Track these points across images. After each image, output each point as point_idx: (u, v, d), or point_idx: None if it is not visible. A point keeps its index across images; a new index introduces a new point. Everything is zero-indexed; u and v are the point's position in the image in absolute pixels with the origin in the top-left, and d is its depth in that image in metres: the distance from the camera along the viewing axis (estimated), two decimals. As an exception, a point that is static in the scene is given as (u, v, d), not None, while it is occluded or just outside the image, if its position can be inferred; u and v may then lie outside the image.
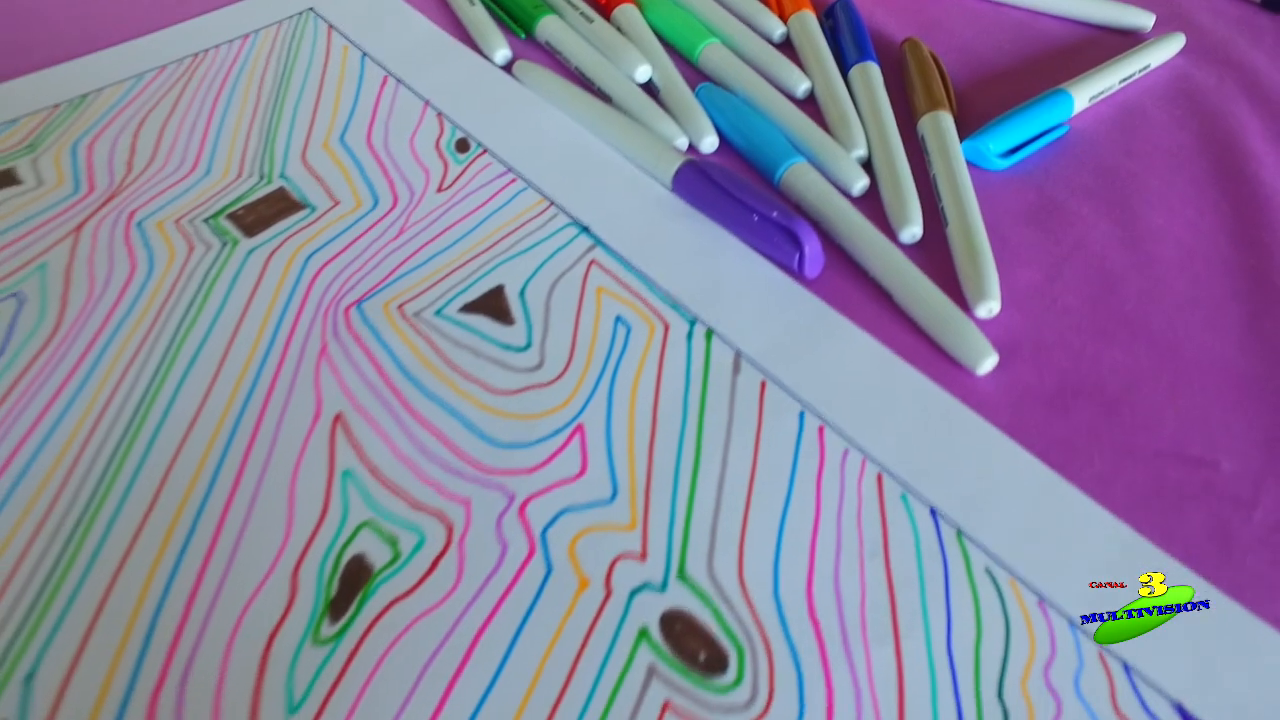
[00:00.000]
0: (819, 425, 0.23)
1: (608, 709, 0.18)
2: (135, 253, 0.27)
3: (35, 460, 0.22)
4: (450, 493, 0.22)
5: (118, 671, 0.19)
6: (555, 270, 0.27)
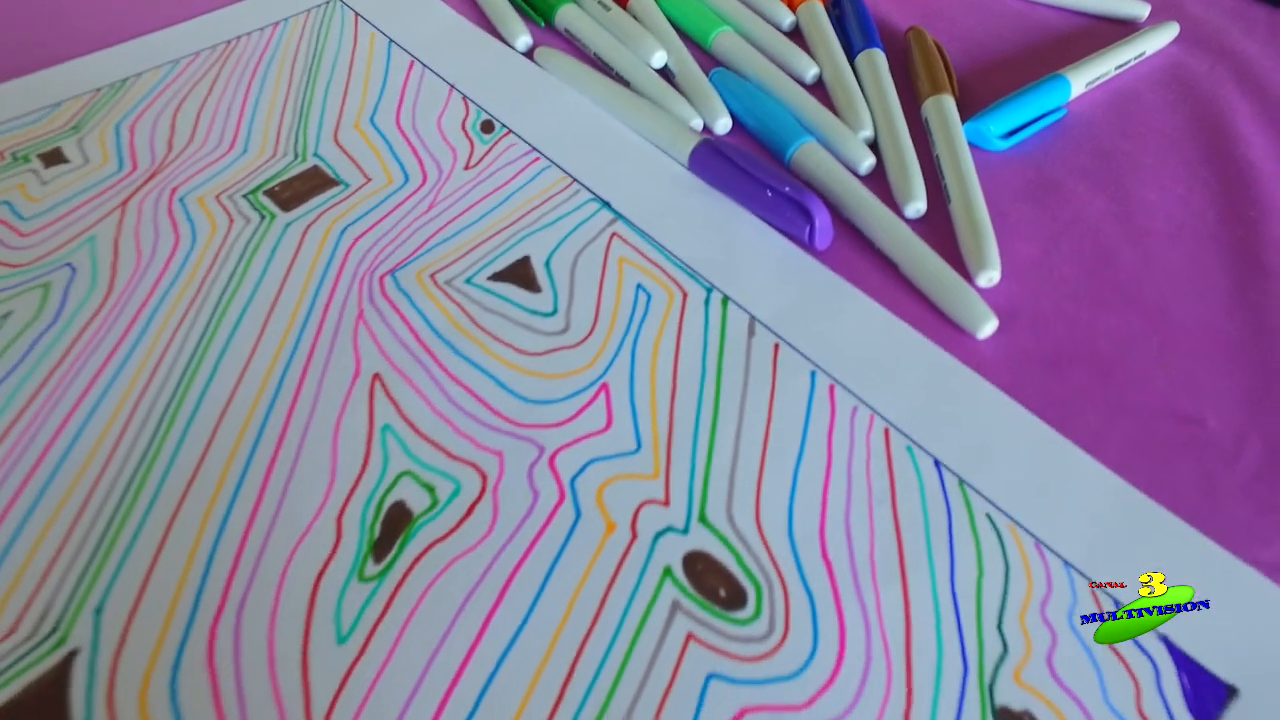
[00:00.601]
0: (829, 384, 0.24)
1: (635, 639, 0.20)
2: (179, 226, 0.28)
3: (94, 415, 0.23)
4: (484, 445, 0.23)
5: (179, 604, 0.20)
6: (579, 242, 0.28)
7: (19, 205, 0.29)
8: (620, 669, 0.19)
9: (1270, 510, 0.23)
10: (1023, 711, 0.19)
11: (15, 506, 0.22)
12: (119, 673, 0.19)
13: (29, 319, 0.26)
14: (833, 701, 0.19)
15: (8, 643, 0.20)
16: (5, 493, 0.22)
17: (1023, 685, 0.20)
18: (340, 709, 0.19)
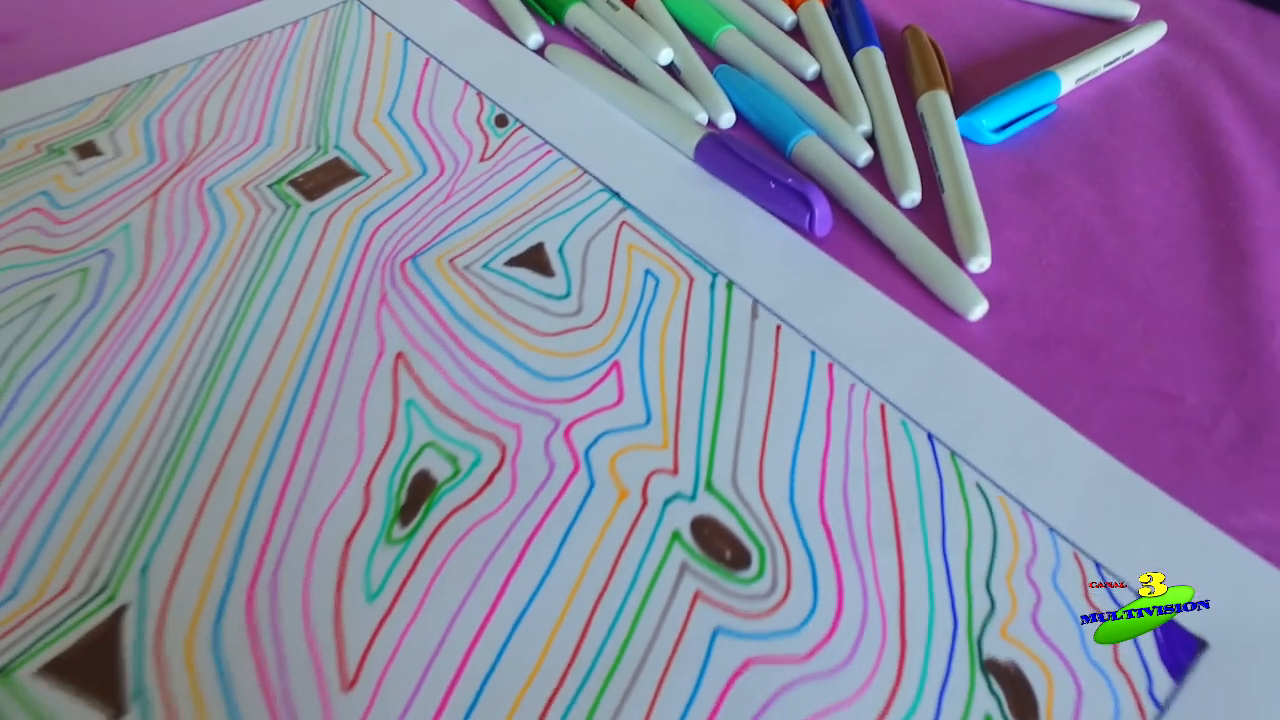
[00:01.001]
0: (828, 363, 0.26)
1: (647, 597, 0.21)
2: (208, 214, 0.30)
3: (133, 390, 0.25)
4: (502, 418, 0.24)
5: (218, 564, 0.22)
6: (590, 230, 0.29)
7: (56, 195, 0.30)
8: (633, 623, 0.21)
9: (1243, 481, 0.24)
10: (1009, 663, 0.21)
11: (63, 475, 0.23)
12: (165, 627, 0.21)
13: (70, 302, 0.27)
14: (832, 653, 0.21)
15: (62, 599, 0.21)
16: (54, 463, 0.23)
17: (1009, 639, 0.21)
18: (371, 661, 0.20)
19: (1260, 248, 0.30)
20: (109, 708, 0.20)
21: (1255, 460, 0.24)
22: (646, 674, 0.20)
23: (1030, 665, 0.21)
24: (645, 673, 0.20)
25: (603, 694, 0.20)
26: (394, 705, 0.20)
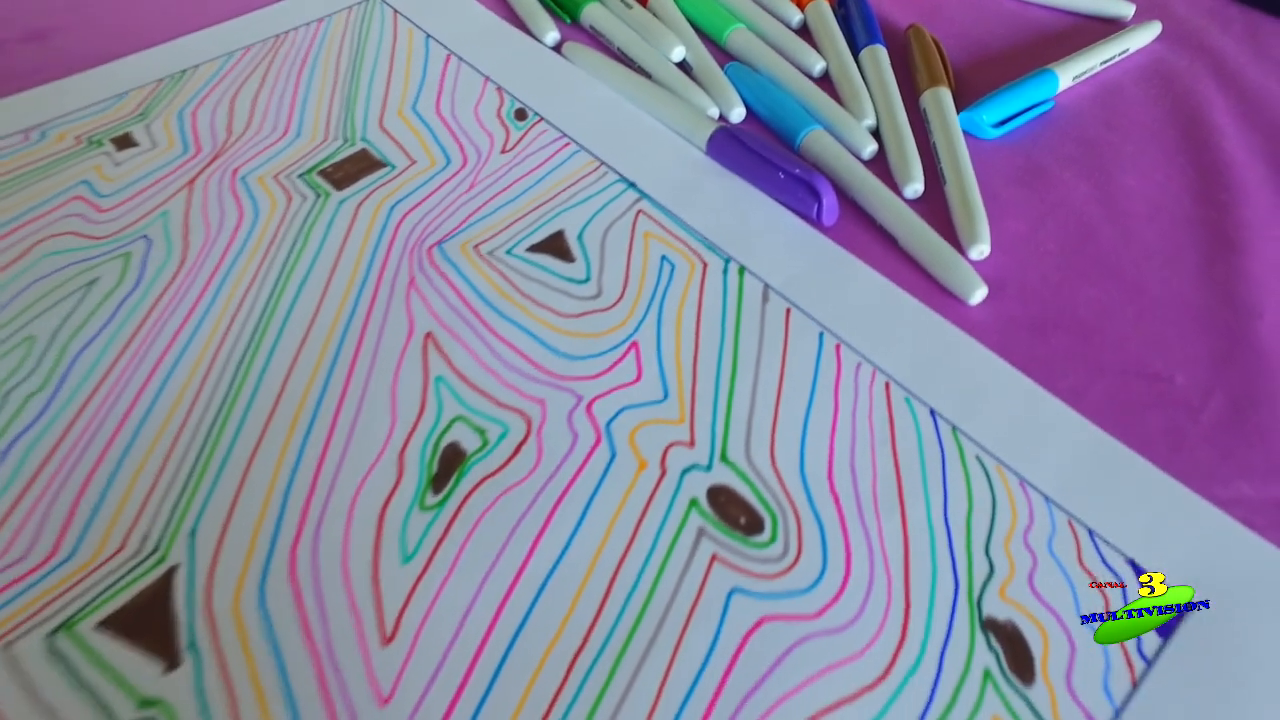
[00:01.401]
0: (836, 344, 0.27)
1: (666, 560, 0.23)
2: (242, 202, 0.31)
3: (176, 367, 0.26)
4: (527, 394, 0.26)
5: (262, 528, 0.23)
6: (608, 218, 0.31)
7: (97, 184, 0.32)
8: (654, 583, 0.22)
9: (1228, 456, 0.25)
10: (1007, 621, 0.22)
11: (114, 445, 0.24)
12: (213, 585, 0.22)
13: (113, 284, 0.28)
14: (840, 612, 0.22)
15: (117, 559, 0.22)
16: (104, 434, 0.25)
17: (1007, 600, 0.22)
18: (408, 617, 0.22)
19: (1248, 237, 0.31)
20: (164, 659, 0.21)
21: (1240, 437, 0.26)
22: (667, 630, 0.22)
23: (1027, 624, 0.22)
24: (665, 629, 0.22)
25: (626, 648, 0.21)
26: (430, 658, 0.21)
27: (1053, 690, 0.21)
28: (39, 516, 0.23)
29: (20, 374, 0.26)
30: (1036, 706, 0.21)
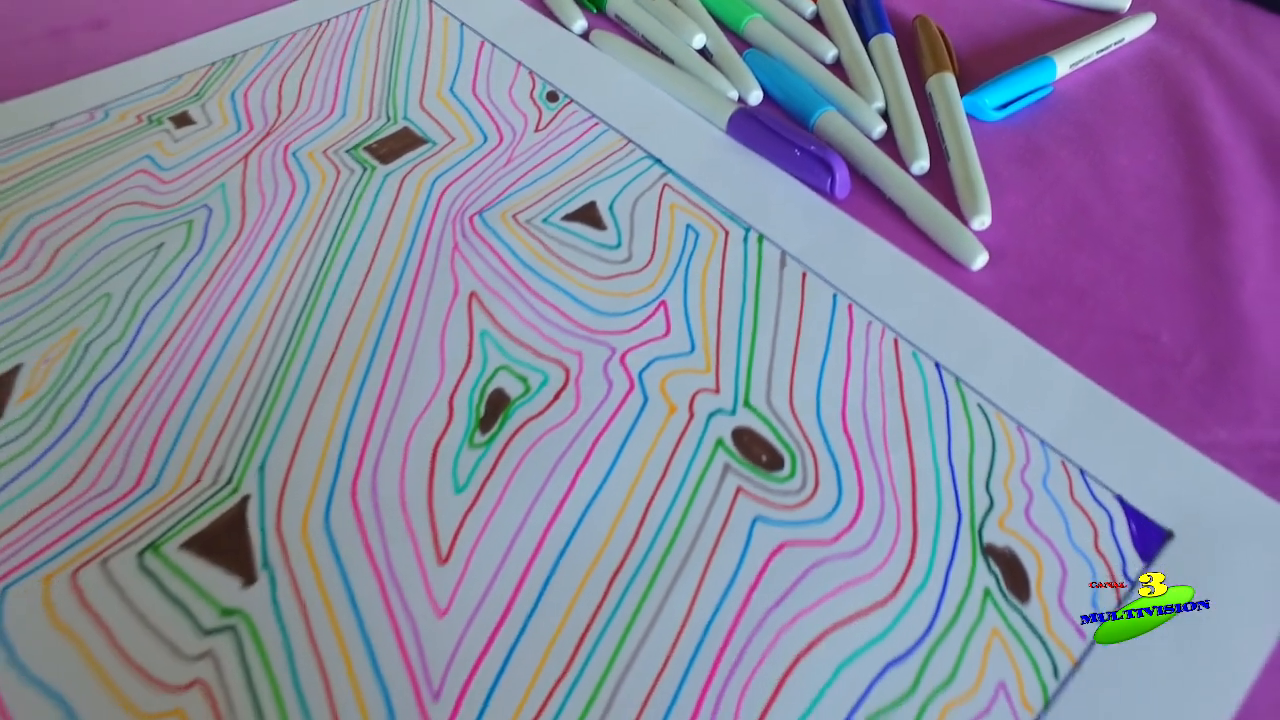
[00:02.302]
0: (848, 304, 0.29)
1: (695, 492, 0.25)
2: (294, 175, 0.33)
3: (240, 322, 0.28)
4: (565, 347, 0.28)
5: (325, 464, 0.25)
6: (636, 191, 0.33)
7: (159, 159, 0.34)
8: (684, 513, 0.24)
9: (1208, 406, 0.27)
10: (1005, 548, 0.24)
11: (187, 390, 0.27)
12: (283, 513, 0.24)
13: (179, 248, 0.31)
14: (854, 538, 0.24)
15: (195, 489, 0.25)
16: (178, 380, 0.27)
17: (1005, 530, 0.25)
18: (461, 540, 0.24)
19: (1234, 213, 0.33)
20: (241, 575, 0.23)
21: (1219, 389, 0.28)
22: (697, 553, 0.24)
23: (1023, 550, 0.24)
24: (696, 552, 0.24)
25: (661, 568, 0.24)
26: (482, 576, 0.23)
27: (1046, 607, 0.23)
28: (123, 452, 0.25)
29: (99, 328, 0.28)
30: (1031, 621, 0.23)
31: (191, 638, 0.22)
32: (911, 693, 0.22)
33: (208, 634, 0.22)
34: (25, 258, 0.30)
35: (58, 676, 0.21)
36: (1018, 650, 0.22)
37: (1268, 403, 0.28)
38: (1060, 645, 0.23)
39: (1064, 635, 0.23)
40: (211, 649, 0.22)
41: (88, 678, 0.21)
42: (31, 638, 0.22)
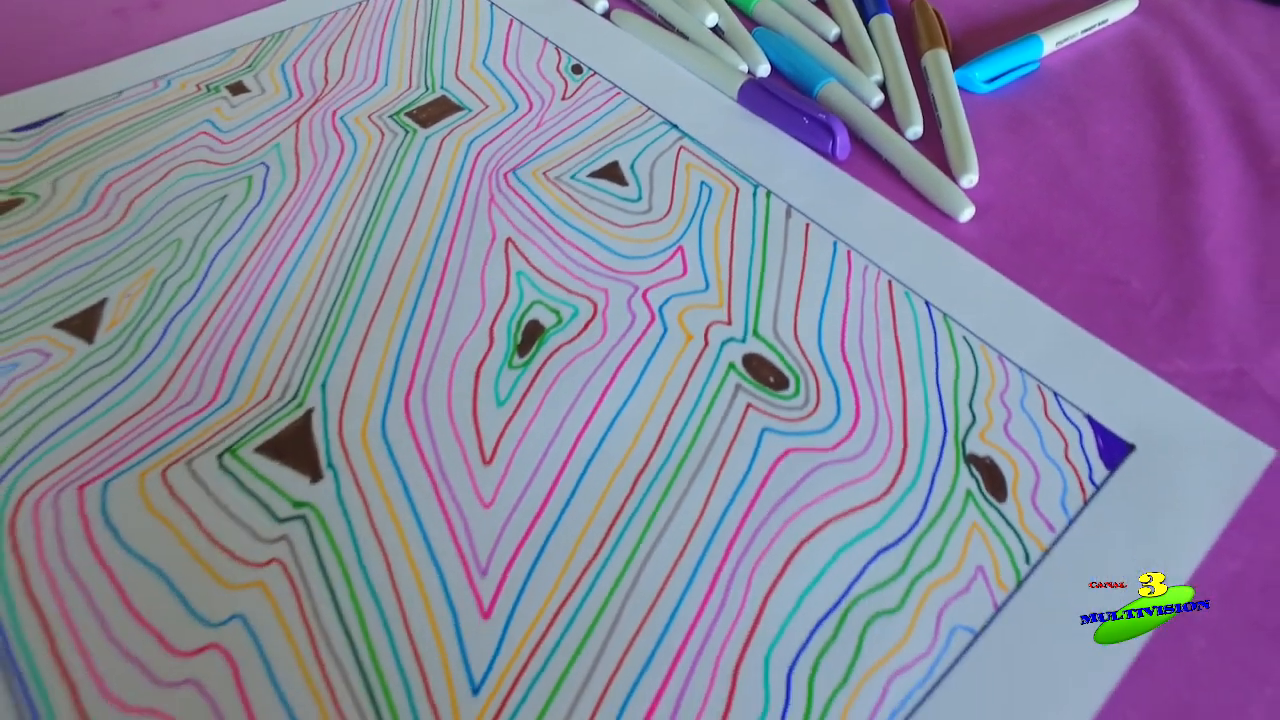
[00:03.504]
0: (847, 251, 0.33)
1: (710, 407, 0.28)
2: (342, 136, 0.37)
3: (300, 259, 0.32)
4: (593, 285, 0.31)
5: (379, 383, 0.28)
6: (655, 152, 0.36)
7: (218, 122, 0.37)
8: (701, 423, 0.28)
9: (1171, 342, 0.30)
10: (985, 457, 0.27)
11: (254, 319, 0.30)
12: (344, 422, 0.27)
13: (241, 200, 0.34)
14: (851, 446, 0.27)
15: (265, 403, 0.28)
16: (246, 311, 0.30)
17: (986, 442, 0.28)
18: (503, 445, 0.27)
19: (1202, 175, 0.36)
20: (309, 474, 0.26)
21: (1181, 328, 0.31)
22: (711, 458, 0.27)
23: (1001, 459, 0.27)
24: (710, 457, 0.27)
25: (679, 471, 0.27)
26: (522, 476, 0.26)
27: (1020, 506, 0.26)
28: (200, 372, 0.29)
29: (173, 268, 0.32)
30: (1007, 517, 0.26)
31: (267, 524, 0.25)
32: (901, 573, 0.25)
33: (282, 521, 0.25)
34: (104, 209, 0.34)
35: (157, 554, 0.25)
36: (994, 541, 0.26)
37: (1225, 339, 0.31)
38: (1032, 536, 0.26)
39: (1035, 529, 0.26)
40: (285, 534, 0.25)
41: (182, 556, 0.25)
42: (133, 524, 0.25)
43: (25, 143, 0.36)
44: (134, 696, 0.22)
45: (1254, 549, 0.25)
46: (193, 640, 0.23)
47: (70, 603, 0.24)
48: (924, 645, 0.24)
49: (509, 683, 0.23)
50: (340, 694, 0.22)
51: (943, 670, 0.23)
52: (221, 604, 0.24)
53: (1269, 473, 0.27)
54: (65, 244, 0.32)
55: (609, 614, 0.24)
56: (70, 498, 0.26)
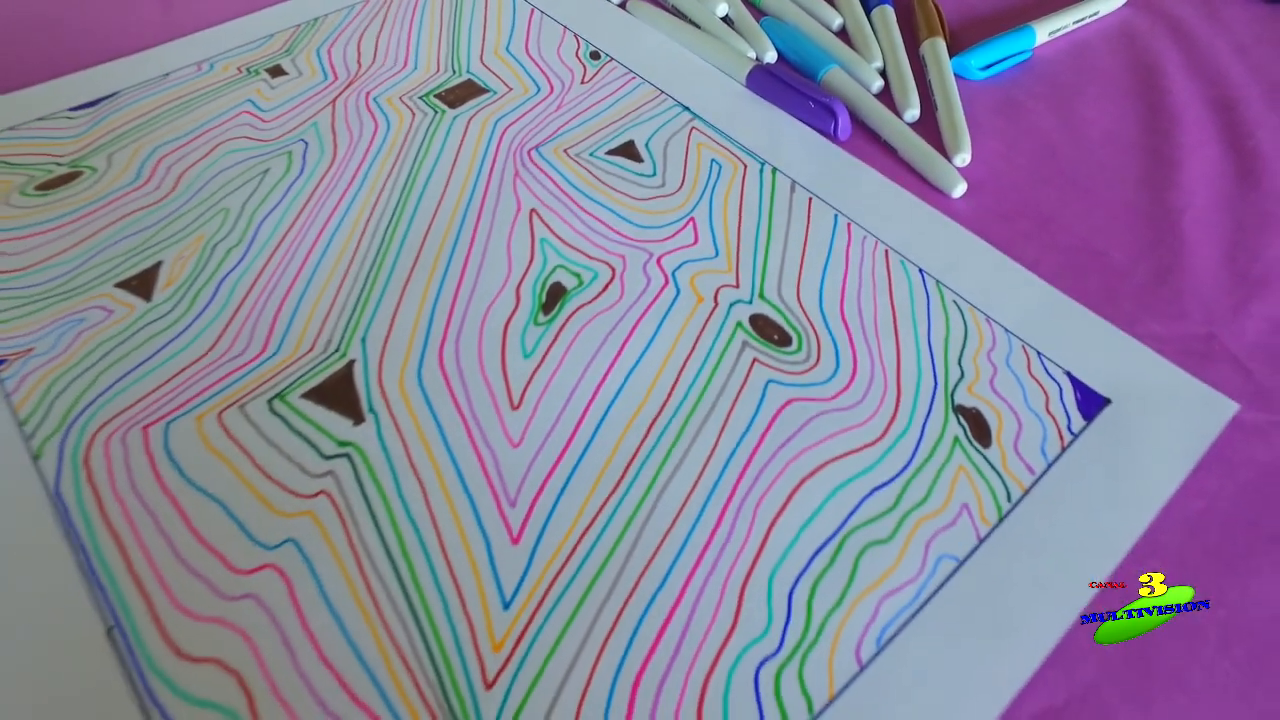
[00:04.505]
0: (847, 223, 0.35)
1: (719, 361, 0.30)
2: (376, 116, 0.39)
3: (340, 226, 0.34)
4: (611, 251, 0.34)
5: (415, 337, 0.31)
6: (668, 132, 0.39)
7: (259, 102, 0.40)
8: (710, 375, 0.30)
9: (1146, 308, 0.33)
10: (972, 408, 0.30)
11: (299, 279, 0.32)
12: (383, 371, 0.30)
13: (282, 173, 0.36)
14: (848, 396, 0.30)
15: (310, 355, 0.30)
16: (289, 273, 0.33)
17: (973, 394, 0.30)
18: (530, 391, 0.29)
19: (1182, 156, 0.39)
20: (352, 417, 0.29)
21: (1157, 295, 0.33)
22: (720, 406, 0.29)
23: (987, 409, 0.30)
24: (719, 405, 0.29)
25: (690, 417, 0.29)
26: (547, 419, 0.29)
27: (1004, 451, 0.29)
28: (249, 327, 0.31)
29: (221, 233, 0.34)
30: (991, 460, 0.28)
31: (315, 461, 0.28)
32: (893, 508, 0.27)
33: (328, 459, 0.28)
34: (156, 180, 0.36)
35: (216, 486, 0.27)
36: (979, 481, 0.28)
37: (1196, 306, 0.33)
38: (1013, 478, 0.28)
39: (1016, 471, 0.28)
40: (332, 469, 0.28)
41: (238, 487, 0.27)
42: (193, 459, 0.28)
43: (82, 120, 0.38)
44: (202, 607, 0.25)
45: (1216, 490, 0.28)
46: (251, 560, 0.26)
47: (141, 527, 0.26)
48: (912, 571, 0.26)
49: (537, 598, 0.25)
50: (385, 608, 0.25)
51: (929, 594, 0.26)
52: (275, 530, 0.26)
53: (1232, 424, 0.29)
54: (122, 212, 0.35)
55: (627, 539, 0.26)
56: (136, 436, 0.28)
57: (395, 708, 0.23)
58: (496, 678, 0.24)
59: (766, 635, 0.25)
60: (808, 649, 0.24)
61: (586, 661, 0.24)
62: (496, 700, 0.23)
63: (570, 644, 0.24)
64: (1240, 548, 0.27)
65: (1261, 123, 0.40)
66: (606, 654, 0.24)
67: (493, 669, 0.24)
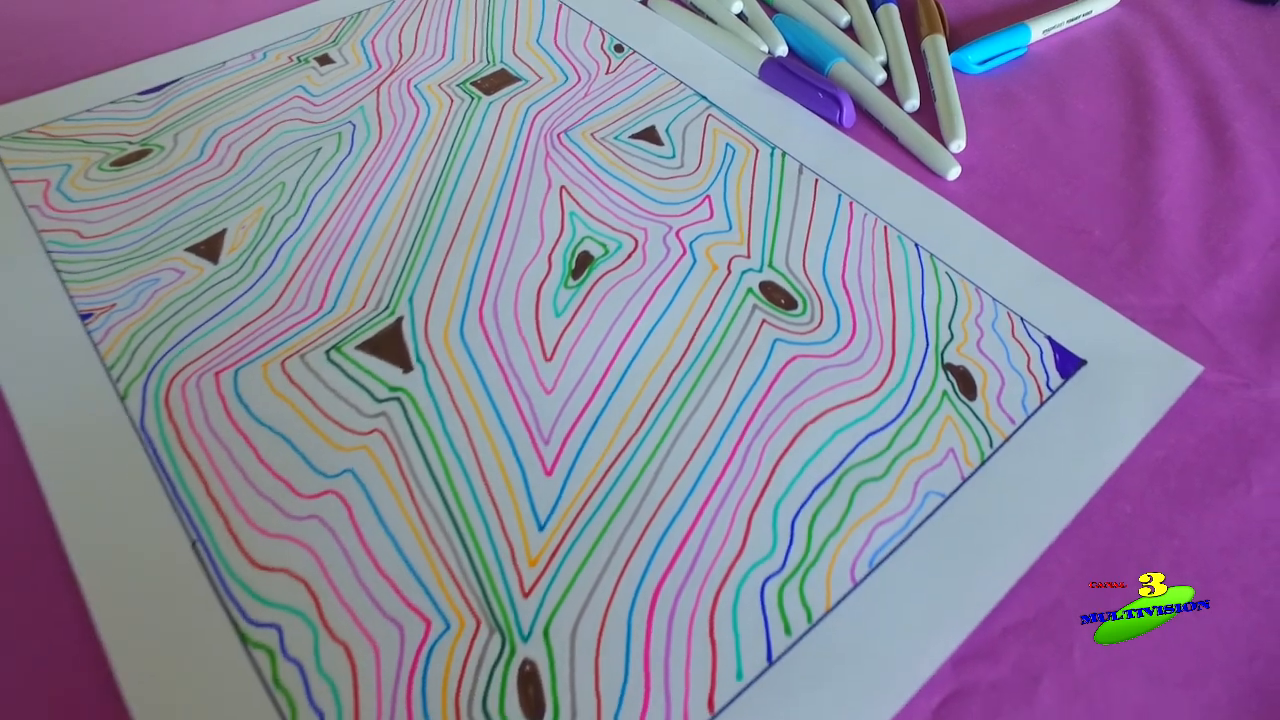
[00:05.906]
0: (850, 202, 0.38)
1: (731, 322, 0.34)
2: (417, 102, 0.43)
3: (388, 198, 0.38)
4: (634, 224, 0.37)
5: (457, 298, 0.34)
6: (687, 119, 0.42)
7: (309, 88, 0.43)
8: (723, 334, 0.33)
9: (1124, 281, 0.36)
10: (960, 366, 0.33)
11: (350, 246, 0.36)
12: (429, 327, 0.33)
13: (333, 151, 0.40)
14: (847, 354, 0.33)
15: (363, 312, 0.34)
16: (342, 239, 0.36)
17: (962, 355, 0.33)
18: (561, 345, 0.33)
19: (1165, 145, 0.42)
20: (401, 365, 0.32)
21: (1134, 270, 0.36)
22: (732, 360, 0.33)
23: (973, 368, 0.33)
24: (731, 360, 0.33)
25: (705, 370, 0.32)
26: (577, 369, 0.32)
27: (988, 403, 0.32)
28: (307, 287, 0.35)
29: (279, 204, 0.38)
30: (976, 411, 0.32)
31: (369, 403, 0.31)
32: (886, 450, 0.30)
33: (380, 401, 0.31)
34: (218, 158, 0.40)
35: (281, 424, 0.30)
36: (964, 429, 0.31)
37: (1170, 280, 0.36)
38: (995, 427, 0.31)
39: (999, 421, 0.31)
40: (384, 410, 0.31)
41: (301, 425, 0.30)
42: (260, 401, 0.31)
43: (149, 103, 0.42)
44: (272, 525, 0.28)
45: (1177, 441, 0.31)
46: (314, 486, 0.29)
47: (216, 458, 0.30)
48: (902, 504, 0.29)
49: (568, 521, 0.28)
50: (433, 528, 0.28)
51: (917, 524, 0.29)
52: (335, 461, 0.30)
53: (1196, 384, 0.32)
54: (188, 185, 0.38)
55: (649, 473, 0.29)
56: (209, 381, 0.32)
57: (444, 611, 0.26)
58: (533, 588, 0.27)
59: (771, 556, 0.28)
60: (808, 568, 0.28)
61: (612, 575, 0.27)
62: (533, 606, 0.27)
63: (597, 561, 0.28)
64: (1195, 489, 0.30)
65: (1240, 115, 0.43)
66: (630, 569, 0.27)
67: (529, 580, 0.27)
